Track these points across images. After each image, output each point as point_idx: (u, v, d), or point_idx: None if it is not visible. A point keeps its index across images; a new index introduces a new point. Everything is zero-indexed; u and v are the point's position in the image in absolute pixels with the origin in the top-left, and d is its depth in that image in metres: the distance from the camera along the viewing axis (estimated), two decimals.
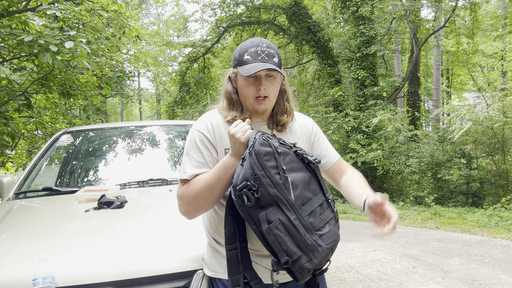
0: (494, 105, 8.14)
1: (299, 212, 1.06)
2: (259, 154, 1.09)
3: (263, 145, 1.11)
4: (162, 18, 29.76)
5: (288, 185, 1.07)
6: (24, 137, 5.54)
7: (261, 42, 1.32)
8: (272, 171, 1.08)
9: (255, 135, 1.17)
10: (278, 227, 1.05)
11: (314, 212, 1.08)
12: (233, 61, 1.37)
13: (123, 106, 29.97)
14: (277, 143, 1.15)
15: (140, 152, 3.02)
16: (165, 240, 1.69)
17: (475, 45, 16.59)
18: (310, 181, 1.14)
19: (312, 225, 1.06)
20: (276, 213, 1.06)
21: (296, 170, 1.12)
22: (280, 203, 1.06)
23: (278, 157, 1.10)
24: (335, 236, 1.11)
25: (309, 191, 1.11)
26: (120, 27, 4.92)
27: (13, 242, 1.73)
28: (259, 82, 1.29)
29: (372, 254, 4.84)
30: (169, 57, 16.34)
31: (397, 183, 9.92)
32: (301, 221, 1.05)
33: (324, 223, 1.09)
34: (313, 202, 1.10)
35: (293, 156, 1.15)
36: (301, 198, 1.08)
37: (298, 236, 1.04)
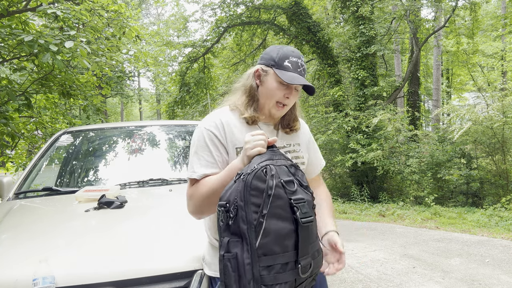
0: (494, 105, 8.14)
1: (256, 260, 0.99)
2: (247, 186, 1.04)
3: (257, 179, 1.04)
4: (162, 18, 29.77)
5: (259, 229, 1.00)
6: (24, 137, 5.54)
7: (301, 56, 1.38)
8: (252, 208, 1.02)
9: (262, 161, 1.10)
10: (231, 260, 1.02)
11: (271, 268, 1.01)
12: (268, 60, 1.35)
13: (123, 106, 29.98)
14: (277, 181, 1.05)
15: (140, 152, 3.02)
16: (165, 240, 1.69)
17: (475, 45, 16.58)
18: (287, 236, 1.04)
19: (262, 278, 0.99)
20: (237, 247, 1.03)
21: (278, 218, 1.03)
22: (244, 240, 1.02)
23: (266, 198, 1.03)
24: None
25: (280, 245, 1.02)
26: (120, 27, 4.92)
27: (13, 242, 1.73)
28: (289, 91, 1.33)
29: (372, 254, 4.84)
30: (169, 57, 16.34)
31: (397, 183, 9.92)
32: (253, 268, 0.99)
33: (276, 283, 1.01)
34: (276, 258, 1.02)
35: (286, 203, 1.05)
36: (265, 248, 1.00)
37: (243, 280, 1.00)
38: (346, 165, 9.79)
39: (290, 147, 1.44)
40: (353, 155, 9.56)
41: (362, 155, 9.26)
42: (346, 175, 11.31)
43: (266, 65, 1.36)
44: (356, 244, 5.42)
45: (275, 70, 1.32)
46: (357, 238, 5.82)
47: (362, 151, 9.36)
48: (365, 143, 9.80)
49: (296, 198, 1.07)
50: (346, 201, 10.08)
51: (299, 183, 1.13)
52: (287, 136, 1.45)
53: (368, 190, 9.93)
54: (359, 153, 9.39)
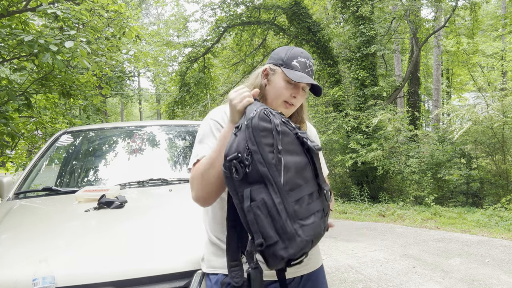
0: (494, 105, 8.14)
1: (285, 197, 1.00)
2: (256, 129, 1.05)
3: (262, 120, 1.06)
4: (162, 18, 29.77)
5: (280, 167, 1.02)
6: (24, 137, 5.54)
7: (309, 57, 1.38)
8: (266, 149, 1.03)
9: (257, 107, 1.12)
10: (260, 206, 1.01)
11: (301, 200, 1.03)
12: (277, 60, 1.37)
13: (123, 106, 29.98)
14: (279, 120, 1.09)
15: (140, 152, 3.02)
16: (165, 240, 1.69)
17: (475, 45, 16.58)
18: (304, 168, 1.08)
19: (295, 213, 1.01)
20: (261, 192, 1.01)
21: (292, 153, 1.07)
22: (268, 183, 1.01)
23: (276, 135, 1.05)
24: (318, 229, 1.05)
25: (301, 177, 1.06)
26: (120, 27, 4.92)
27: (13, 242, 1.73)
28: (296, 91, 1.33)
29: (372, 254, 4.84)
30: (169, 57, 16.33)
31: (397, 183, 9.92)
32: (285, 206, 1.00)
33: (310, 213, 1.04)
34: (303, 190, 1.04)
35: (293, 138, 1.09)
36: (290, 183, 1.02)
37: (279, 221, 1.00)
38: (346, 165, 9.79)
39: None
40: (353, 155, 9.56)
41: (362, 155, 9.26)
42: (346, 175, 11.31)
43: (275, 64, 1.36)
44: (356, 244, 5.42)
45: (283, 69, 1.32)
46: (357, 238, 5.82)
47: (362, 151, 9.36)
48: (365, 143, 9.80)
49: (300, 132, 1.12)
50: (346, 201, 10.08)
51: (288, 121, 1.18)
52: None
53: (368, 190, 9.93)
54: (359, 153, 9.39)
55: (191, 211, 1.93)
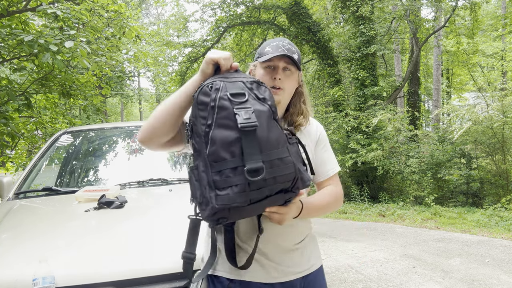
0: (494, 105, 8.14)
1: (208, 167, 1.08)
2: (195, 103, 1.13)
3: (203, 94, 1.12)
4: (162, 18, 29.77)
5: (207, 139, 1.09)
6: (24, 137, 5.54)
7: (284, 39, 1.40)
8: (201, 121, 1.11)
9: (209, 79, 1.16)
10: (193, 171, 1.13)
11: (222, 173, 1.07)
12: (256, 55, 1.42)
13: (123, 106, 29.97)
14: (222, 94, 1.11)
15: (140, 152, 3.02)
16: (165, 240, 1.69)
17: (475, 45, 16.58)
18: (232, 142, 1.09)
19: (214, 183, 1.07)
20: (197, 159, 1.13)
21: (224, 127, 1.09)
22: (200, 151, 1.11)
23: (210, 110, 1.10)
24: (231, 202, 1.08)
25: (226, 151, 1.08)
26: (120, 27, 4.92)
27: (13, 242, 1.73)
28: (275, 71, 1.35)
29: (372, 254, 4.84)
30: (169, 57, 16.32)
31: (397, 183, 9.92)
32: (206, 175, 1.08)
33: (226, 186, 1.07)
34: (226, 163, 1.08)
35: (231, 113, 1.10)
36: (214, 155, 1.08)
37: (201, 186, 1.10)
38: (346, 165, 9.78)
39: None
40: (353, 155, 9.56)
41: (362, 155, 9.26)
42: (346, 175, 11.30)
43: (254, 60, 1.42)
44: (356, 244, 5.42)
45: (258, 59, 1.37)
46: (357, 238, 5.82)
47: (362, 151, 9.36)
48: (365, 143, 9.80)
49: (241, 107, 1.12)
50: (346, 201, 10.07)
51: (255, 96, 1.17)
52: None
53: (368, 190, 9.93)
54: (359, 153, 9.39)
55: (191, 211, 1.93)
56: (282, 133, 1.20)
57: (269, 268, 1.33)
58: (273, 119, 1.17)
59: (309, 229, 1.48)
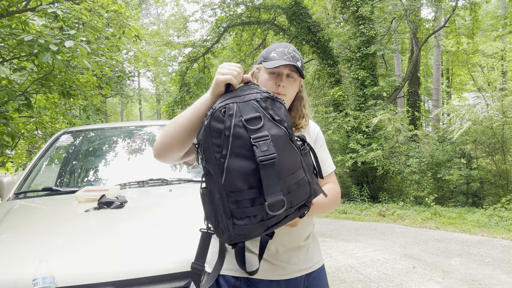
0: (493, 105, 8.14)
1: (224, 196, 1.05)
2: (207, 129, 1.07)
3: (216, 120, 1.06)
4: (162, 18, 29.77)
5: (222, 169, 1.05)
6: (24, 137, 5.54)
7: (289, 45, 1.41)
8: (214, 149, 1.06)
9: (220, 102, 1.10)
10: (206, 194, 1.10)
11: (239, 203, 1.04)
12: (259, 58, 1.43)
13: (123, 106, 29.98)
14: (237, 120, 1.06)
15: (140, 152, 3.02)
16: (165, 240, 1.69)
17: (475, 45, 16.59)
18: (250, 173, 1.05)
19: (231, 212, 1.05)
20: (210, 183, 1.09)
21: (240, 157, 1.05)
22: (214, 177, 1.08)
23: (224, 138, 1.05)
24: (249, 232, 1.06)
25: (244, 182, 1.05)
26: (120, 27, 4.92)
27: (13, 242, 1.73)
28: (279, 78, 1.36)
29: (372, 254, 4.84)
30: (169, 57, 16.32)
31: (397, 183, 9.92)
32: (222, 203, 1.05)
33: (244, 216, 1.05)
34: (243, 194, 1.05)
35: (247, 142, 1.05)
36: (230, 186, 1.04)
37: (217, 212, 1.08)
38: (346, 165, 9.78)
39: None
40: (353, 155, 9.56)
41: (362, 155, 9.26)
42: (346, 175, 11.30)
43: (258, 63, 1.43)
44: (356, 244, 5.42)
45: (263, 64, 1.38)
46: (357, 238, 5.82)
47: (362, 151, 9.36)
48: (365, 143, 9.80)
49: (257, 136, 1.06)
50: (346, 201, 10.08)
51: (270, 118, 1.11)
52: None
53: (368, 190, 9.93)
54: (359, 153, 9.39)
55: (191, 211, 1.93)
56: (298, 153, 1.16)
57: (275, 266, 1.35)
58: (290, 141, 1.14)
59: (312, 226, 1.51)
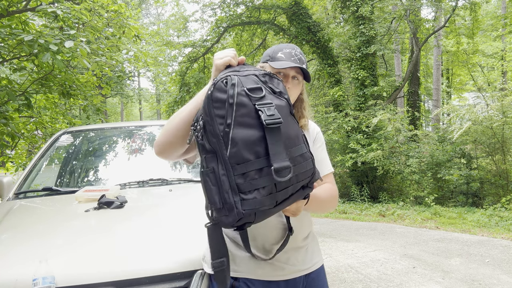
0: (493, 105, 8.14)
1: (229, 170, 1.00)
2: (209, 100, 1.04)
3: (219, 90, 1.05)
4: (162, 18, 29.78)
5: (227, 140, 1.01)
6: (24, 137, 5.54)
7: (296, 47, 1.40)
8: (217, 120, 1.03)
9: (222, 74, 1.10)
10: (209, 174, 1.04)
11: (246, 175, 1.01)
12: (264, 57, 1.41)
13: (123, 106, 29.98)
14: (240, 89, 1.05)
15: (140, 152, 3.02)
16: (165, 240, 1.69)
17: (475, 45, 16.59)
18: (256, 142, 1.03)
19: (238, 186, 1.00)
20: (213, 161, 1.04)
21: (245, 126, 1.02)
22: (217, 153, 1.03)
23: (228, 107, 1.02)
24: (259, 205, 1.02)
25: (250, 152, 1.02)
26: (120, 27, 4.92)
27: (13, 242, 1.73)
28: (285, 80, 1.36)
29: (372, 254, 4.84)
30: (169, 57, 16.33)
31: (397, 183, 9.92)
32: (228, 178, 1.00)
33: (252, 189, 1.01)
34: (250, 165, 1.01)
35: (251, 109, 1.04)
36: (236, 157, 1.00)
37: (221, 191, 1.02)
38: (346, 165, 9.78)
39: None
40: (353, 155, 9.56)
41: (362, 155, 9.26)
42: (346, 175, 11.31)
43: (263, 62, 1.41)
44: (356, 244, 5.42)
45: (270, 63, 1.36)
46: (357, 238, 5.82)
47: (362, 151, 9.36)
48: (365, 143, 9.80)
49: (262, 103, 1.06)
50: (346, 201, 10.08)
51: (271, 90, 1.12)
52: None
53: (368, 190, 9.93)
54: (359, 153, 9.39)
55: (191, 211, 1.93)
56: (299, 127, 1.17)
57: (274, 266, 1.34)
58: (291, 114, 1.14)
59: (311, 225, 1.50)
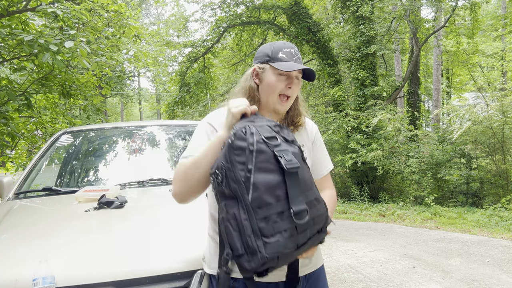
0: (493, 105, 8.15)
1: (251, 214, 1.04)
2: (230, 147, 1.10)
3: (239, 138, 1.10)
4: (162, 18, 29.77)
5: (248, 185, 1.05)
6: (24, 137, 5.54)
7: (293, 46, 1.40)
8: (238, 167, 1.08)
9: (240, 124, 1.16)
10: (230, 220, 1.07)
11: (268, 218, 1.04)
12: (262, 57, 1.38)
13: (123, 106, 29.99)
14: (258, 138, 1.11)
15: (140, 152, 3.02)
16: (165, 240, 1.69)
17: (475, 45, 16.59)
18: (277, 186, 1.08)
19: (261, 230, 1.03)
20: (233, 207, 1.07)
21: (265, 171, 1.08)
22: (238, 199, 1.07)
23: (249, 154, 1.08)
24: (282, 249, 1.05)
25: (271, 196, 1.06)
26: (119, 27, 4.92)
27: (13, 242, 1.73)
28: (290, 81, 1.35)
29: (372, 254, 4.84)
30: (169, 57, 16.32)
31: (397, 183, 9.92)
32: (250, 222, 1.04)
33: (275, 232, 1.04)
34: (271, 208, 1.05)
35: (270, 156, 1.10)
36: (258, 201, 1.05)
37: (244, 236, 1.05)
38: (346, 165, 9.79)
39: None
40: (353, 155, 9.56)
41: (362, 155, 9.26)
42: (346, 175, 11.31)
43: (262, 62, 1.38)
44: (356, 244, 5.42)
45: (272, 64, 1.34)
46: (357, 238, 5.82)
47: (362, 151, 9.36)
48: (365, 143, 9.80)
49: (279, 149, 1.12)
50: (346, 201, 10.08)
51: (284, 139, 1.17)
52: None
53: (368, 190, 9.93)
54: (359, 153, 9.39)
55: (191, 211, 1.93)
56: (311, 173, 1.22)
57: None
58: (303, 160, 1.19)
59: None
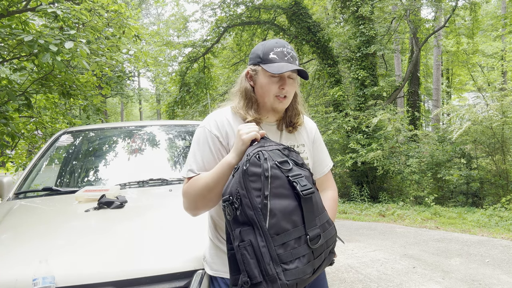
0: (493, 105, 8.14)
1: (269, 241, 1.03)
2: (245, 174, 1.08)
3: (253, 165, 1.09)
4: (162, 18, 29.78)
5: (265, 211, 1.04)
6: (24, 137, 5.54)
7: (286, 44, 1.37)
8: (254, 193, 1.06)
9: (253, 150, 1.14)
10: (247, 248, 1.05)
11: (286, 245, 1.04)
12: (255, 59, 1.37)
13: (123, 106, 29.99)
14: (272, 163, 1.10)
15: (140, 152, 3.02)
16: (165, 240, 1.69)
17: (475, 45, 16.59)
18: (293, 211, 1.08)
19: (279, 257, 1.03)
20: (249, 234, 1.05)
21: (281, 197, 1.07)
22: (254, 226, 1.05)
23: (264, 180, 1.06)
24: (301, 275, 1.05)
25: (288, 221, 1.06)
26: (119, 27, 4.92)
27: (13, 242, 1.73)
28: (283, 82, 1.33)
29: (372, 254, 4.84)
30: (169, 57, 16.33)
31: (397, 183, 9.92)
32: (269, 249, 1.02)
33: (294, 258, 1.04)
34: (289, 234, 1.05)
35: (284, 181, 1.09)
36: (276, 227, 1.04)
37: (262, 263, 1.03)
38: (346, 165, 9.79)
39: (294, 148, 1.44)
40: (353, 155, 9.56)
41: (362, 155, 9.26)
42: (346, 175, 11.31)
43: (254, 64, 1.37)
44: (356, 244, 5.42)
45: (263, 66, 1.33)
46: (357, 238, 5.82)
47: (362, 151, 9.36)
48: (365, 143, 9.80)
49: (293, 175, 1.11)
50: (346, 201, 10.08)
51: (294, 163, 1.17)
52: (291, 136, 1.45)
53: (368, 190, 9.93)
54: (359, 153, 9.39)
55: None
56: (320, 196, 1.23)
57: None
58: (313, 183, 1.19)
59: None
